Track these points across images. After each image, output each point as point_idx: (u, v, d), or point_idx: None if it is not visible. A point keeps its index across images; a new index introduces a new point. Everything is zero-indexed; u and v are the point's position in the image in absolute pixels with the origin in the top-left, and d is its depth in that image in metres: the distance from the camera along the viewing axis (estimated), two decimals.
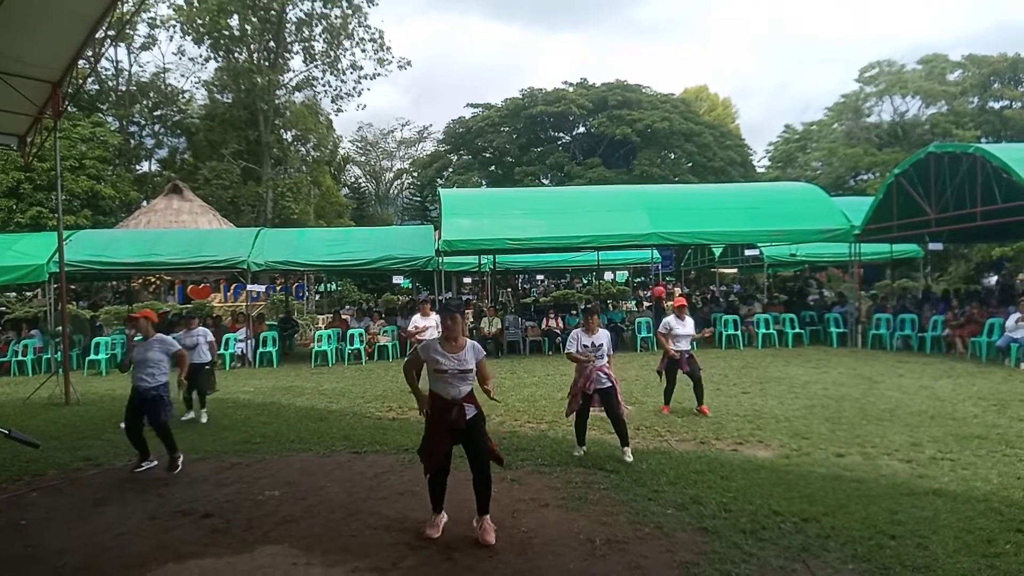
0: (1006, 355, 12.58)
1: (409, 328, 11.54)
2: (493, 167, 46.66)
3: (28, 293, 25.99)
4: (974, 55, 42.44)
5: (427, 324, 11.15)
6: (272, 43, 37.09)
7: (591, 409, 6.88)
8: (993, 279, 26.14)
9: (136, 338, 7.15)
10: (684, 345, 8.95)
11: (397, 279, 23.74)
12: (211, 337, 9.78)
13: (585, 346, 6.79)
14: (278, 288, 27.11)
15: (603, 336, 6.88)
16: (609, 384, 6.74)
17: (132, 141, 38.77)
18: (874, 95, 43.63)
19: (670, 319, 9.10)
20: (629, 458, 6.53)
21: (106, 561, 4.58)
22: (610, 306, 21.99)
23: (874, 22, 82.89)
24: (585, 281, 36.21)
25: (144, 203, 34.19)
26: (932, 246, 18.61)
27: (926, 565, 4.11)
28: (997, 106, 42.01)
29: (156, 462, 6.78)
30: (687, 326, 9.01)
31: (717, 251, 25.89)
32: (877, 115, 44.42)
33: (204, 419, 9.16)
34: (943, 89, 41.05)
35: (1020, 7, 63.48)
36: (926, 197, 14.61)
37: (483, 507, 4.80)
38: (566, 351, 7.07)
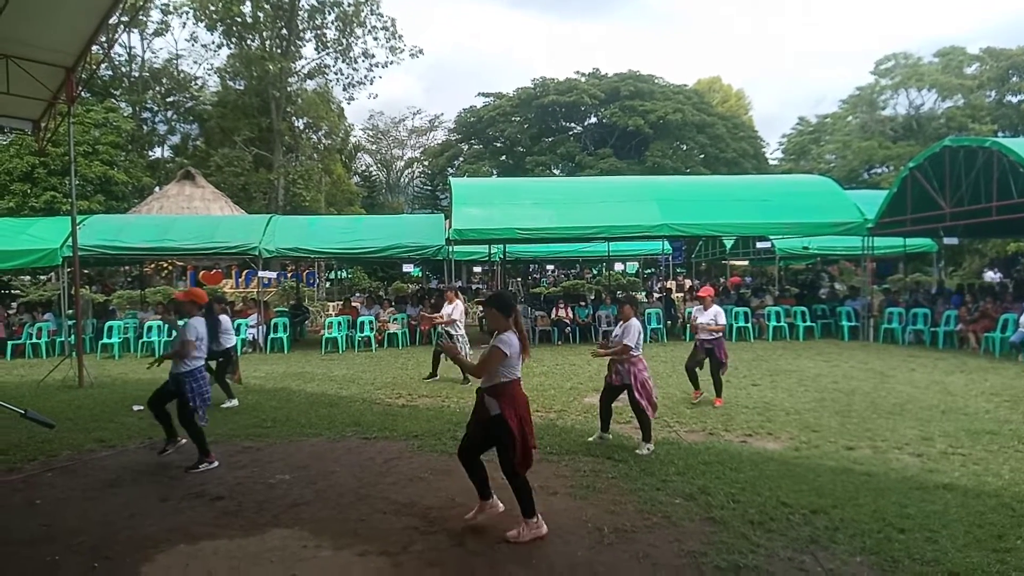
0: (1020, 351, 12.47)
1: (444, 317, 11.35)
2: (504, 157, 46.58)
3: (42, 277, 26.19)
4: (992, 48, 41.92)
5: (450, 310, 11.13)
6: (284, 30, 37.05)
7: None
8: (993, 275, 25.93)
9: (180, 322, 6.91)
10: (703, 334, 8.99)
11: (407, 267, 23.76)
12: (230, 324, 9.90)
13: (615, 335, 7.11)
14: (289, 275, 27.23)
15: (624, 327, 6.96)
16: (628, 382, 6.76)
17: (145, 127, 38.95)
18: (889, 88, 43.22)
19: (695, 308, 9.58)
20: (641, 451, 6.49)
21: (119, 541, 4.63)
22: (620, 295, 21.89)
23: (893, 14, 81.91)
24: (595, 272, 36.15)
25: (156, 189, 34.36)
26: (946, 240, 18.43)
27: (935, 559, 4.10)
28: (1015, 100, 41.53)
29: (184, 441, 6.67)
30: (707, 315, 9.04)
31: (728, 243, 25.77)
32: (892, 108, 44.09)
33: (233, 402, 9.27)
34: (960, 82, 40.58)
35: None
36: (941, 191, 14.47)
37: (523, 510, 4.57)
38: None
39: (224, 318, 9.69)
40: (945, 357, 13.09)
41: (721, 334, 8.99)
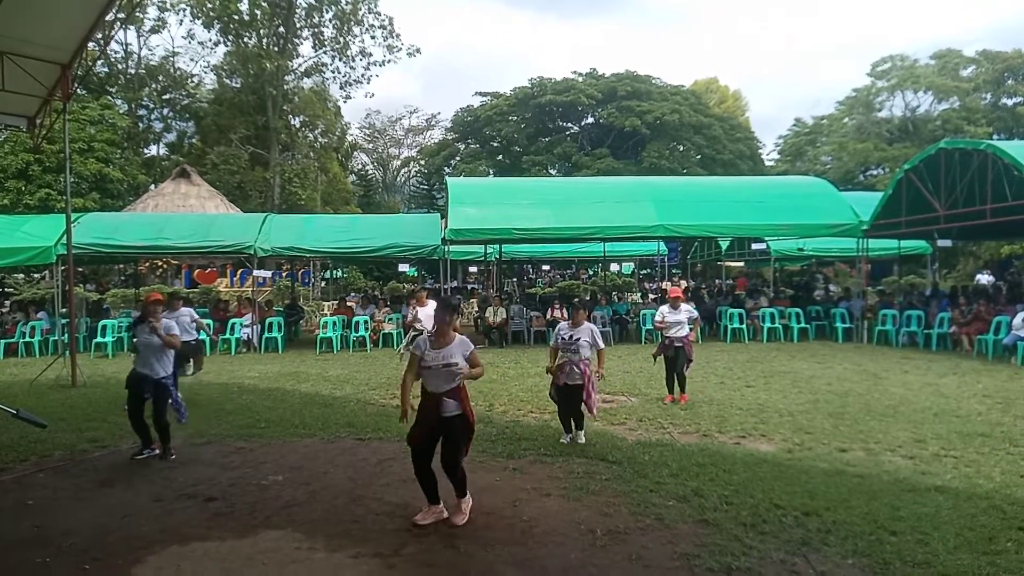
0: (1013, 353, 12.53)
1: (408, 318, 11.60)
2: (501, 156, 46.56)
3: (36, 275, 26.07)
4: (988, 51, 42.05)
5: (427, 313, 11.15)
6: (282, 28, 36.99)
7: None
8: (984, 278, 26.02)
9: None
10: (675, 332, 9.11)
11: (403, 267, 23.76)
12: (195, 316, 9.94)
13: (564, 339, 6.95)
14: (284, 274, 27.17)
15: (584, 331, 6.97)
16: (580, 381, 6.85)
17: (141, 124, 38.80)
18: (886, 90, 43.31)
19: (664, 307, 9.46)
20: (581, 440, 6.86)
21: (111, 542, 4.62)
22: (615, 297, 21.95)
23: (890, 16, 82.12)
24: (591, 272, 36.17)
25: (152, 187, 34.26)
26: (941, 243, 18.52)
27: (927, 561, 4.11)
28: (1010, 103, 41.69)
29: (158, 451, 6.74)
30: (678, 315, 9.20)
31: (724, 244, 25.80)
32: (888, 110, 44.17)
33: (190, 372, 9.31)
34: (956, 85, 40.70)
35: None
36: (936, 193, 14.51)
37: (456, 490, 4.94)
38: (551, 345, 7.35)
39: (182, 313, 9.82)
40: (938, 359, 13.13)
41: (691, 331, 9.28)
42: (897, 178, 15.92)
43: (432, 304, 11.19)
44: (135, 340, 6.86)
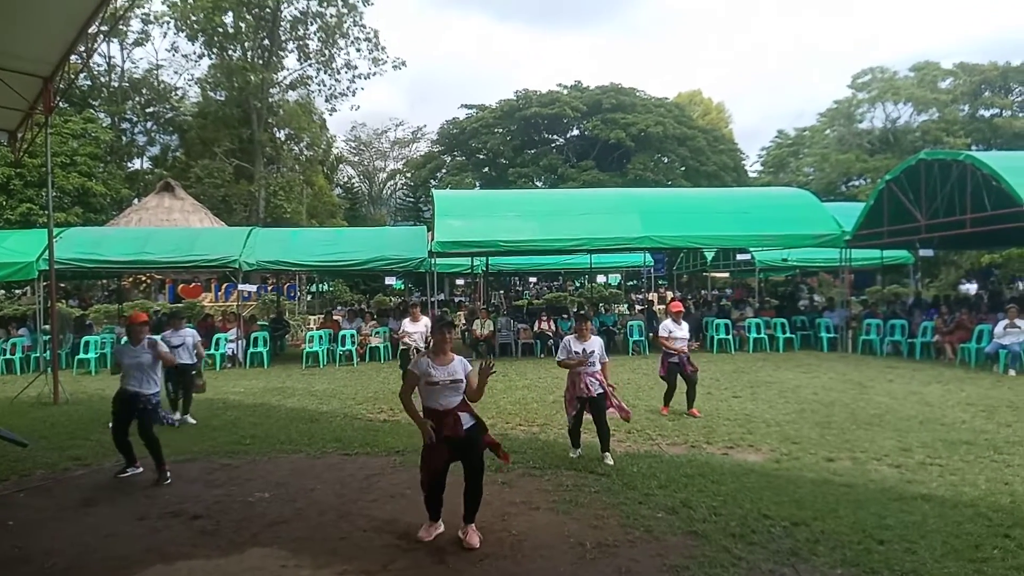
0: (995, 361, 12.68)
1: (399, 332, 11.61)
2: (487, 168, 46.65)
3: (17, 291, 25.78)
4: (965, 63, 42.86)
5: (417, 329, 11.16)
6: (266, 41, 36.99)
7: (585, 413, 6.90)
8: (968, 286, 26.36)
9: (123, 340, 6.97)
10: (680, 346, 9.09)
11: (389, 280, 23.71)
12: (198, 338, 9.74)
13: (576, 352, 6.85)
14: (269, 288, 27.00)
15: (595, 343, 6.92)
16: (601, 391, 6.77)
17: (124, 138, 38.55)
18: (866, 101, 43.98)
19: (667, 322, 9.29)
20: (610, 461, 6.56)
21: (94, 562, 4.55)
22: (603, 309, 22.01)
23: (870, 29, 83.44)
24: (578, 284, 36.26)
25: (135, 201, 34.02)
26: (922, 252, 18.72)
27: (914, 570, 4.14)
28: (987, 114, 42.44)
29: (141, 469, 6.63)
30: (684, 329, 9.17)
31: (709, 255, 25.98)
32: (869, 121, 44.85)
33: (191, 420, 9.10)
34: (934, 96, 41.42)
35: (1017, 16, 64.10)
36: (916, 204, 14.70)
37: (470, 516, 4.78)
38: (557, 358, 7.17)
39: (185, 334, 9.59)
40: (922, 368, 13.26)
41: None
42: (879, 189, 16.12)
43: (424, 320, 11.23)
44: (123, 362, 6.66)
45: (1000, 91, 42.33)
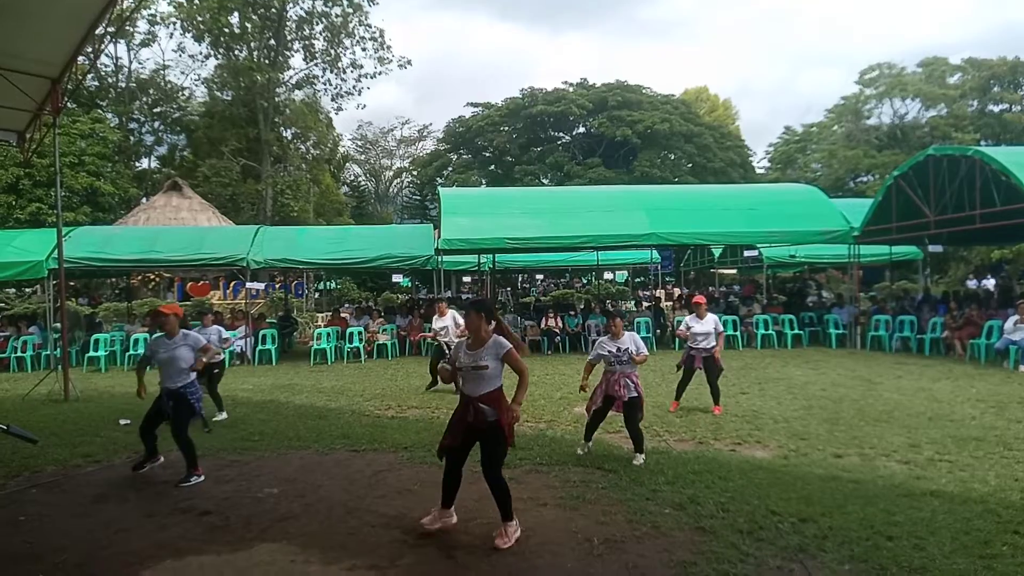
0: (1005, 357, 12.59)
1: (431, 331, 11.70)
2: (493, 166, 46.63)
3: (27, 289, 25.95)
4: (974, 58, 42.52)
5: (444, 324, 11.18)
6: (272, 41, 37.11)
7: (611, 411, 6.77)
8: (986, 282, 26.18)
9: (156, 335, 6.84)
10: (702, 343, 8.91)
11: (396, 278, 23.76)
12: (225, 334, 9.78)
13: (611, 351, 6.65)
14: (277, 286, 27.07)
15: (628, 340, 6.70)
16: (636, 395, 6.62)
17: (132, 138, 38.76)
18: (874, 97, 43.68)
19: (687, 317, 9.18)
20: (638, 462, 6.43)
21: (105, 558, 4.57)
22: (610, 306, 21.98)
23: (878, 24, 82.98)
24: (584, 281, 36.22)
25: (143, 200, 34.18)
26: (931, 248, 18.63)
27: (923, 566, 4.12)
28: (996, 109, 42.10)
29: (162, 459, 6.61)
30: (704, 324, 8.96)
31: (716, 252, 25.90)
32: (877, 117, 44.52)
33: (223, 416, 9.14)
34: (943, 92, 41.11)
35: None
36: (925, 199, 14.62)
37: (503, 514, 4.67)
38: (588, 360, 6.97)
39: (211, 331, 9.62)
40: (932, 364, 13.19)
41: (715, 346, 8.93)
42: (887, 185, 16.04)
43: (450, 313, 11.26)
44: (158, 355, 6.40)
45: (1009, 86, 41.95)
